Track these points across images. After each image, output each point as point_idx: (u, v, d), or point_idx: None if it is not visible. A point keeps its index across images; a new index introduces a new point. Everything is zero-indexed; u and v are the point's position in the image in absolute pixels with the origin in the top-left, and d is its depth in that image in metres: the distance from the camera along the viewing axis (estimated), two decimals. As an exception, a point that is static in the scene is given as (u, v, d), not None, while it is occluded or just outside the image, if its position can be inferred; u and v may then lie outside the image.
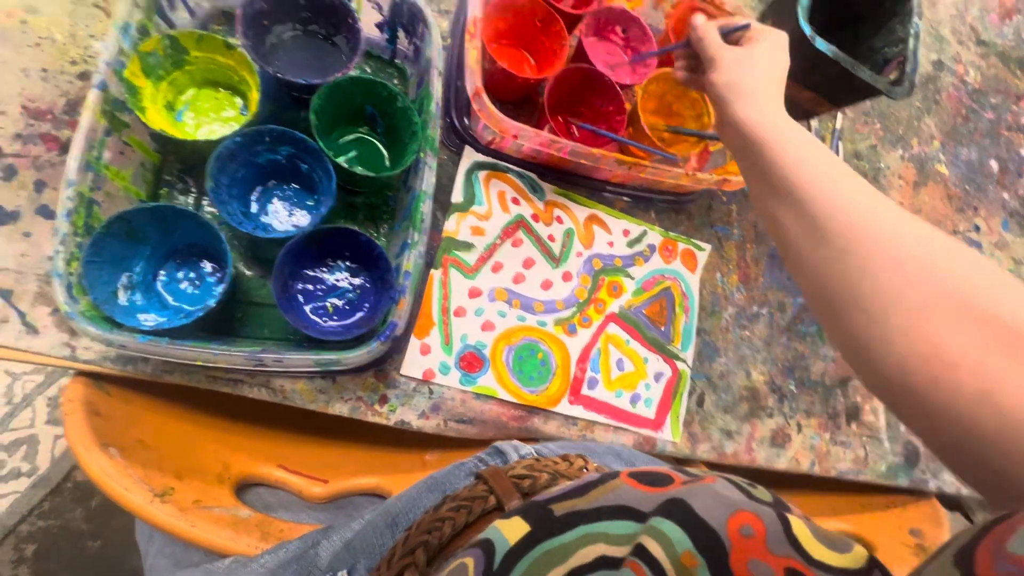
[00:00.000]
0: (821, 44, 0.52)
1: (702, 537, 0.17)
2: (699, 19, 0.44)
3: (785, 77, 0.42)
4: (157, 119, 0.40)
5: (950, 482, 0.74)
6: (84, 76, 0.44)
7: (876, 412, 0.70)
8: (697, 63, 0.47)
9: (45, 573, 0.96)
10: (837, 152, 0.74)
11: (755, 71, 0.40)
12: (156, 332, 0.37)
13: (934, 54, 0.86)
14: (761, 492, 0.21)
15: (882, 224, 0.30)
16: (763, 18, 0.60)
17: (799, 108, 0.63)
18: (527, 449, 0.36)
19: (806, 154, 0.35)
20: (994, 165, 0.87)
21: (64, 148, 0.43)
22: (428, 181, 0.43)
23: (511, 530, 0.20)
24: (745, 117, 0.38)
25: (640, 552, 0.18)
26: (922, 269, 0.27)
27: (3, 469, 0.98)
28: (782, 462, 0.64)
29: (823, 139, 0.74)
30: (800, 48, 0.54)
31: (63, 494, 1.01)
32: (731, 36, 0.44)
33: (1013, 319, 0.24)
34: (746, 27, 0.43)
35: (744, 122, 0.38)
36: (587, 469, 0.31)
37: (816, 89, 0.59)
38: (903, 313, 0.27)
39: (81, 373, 0.43)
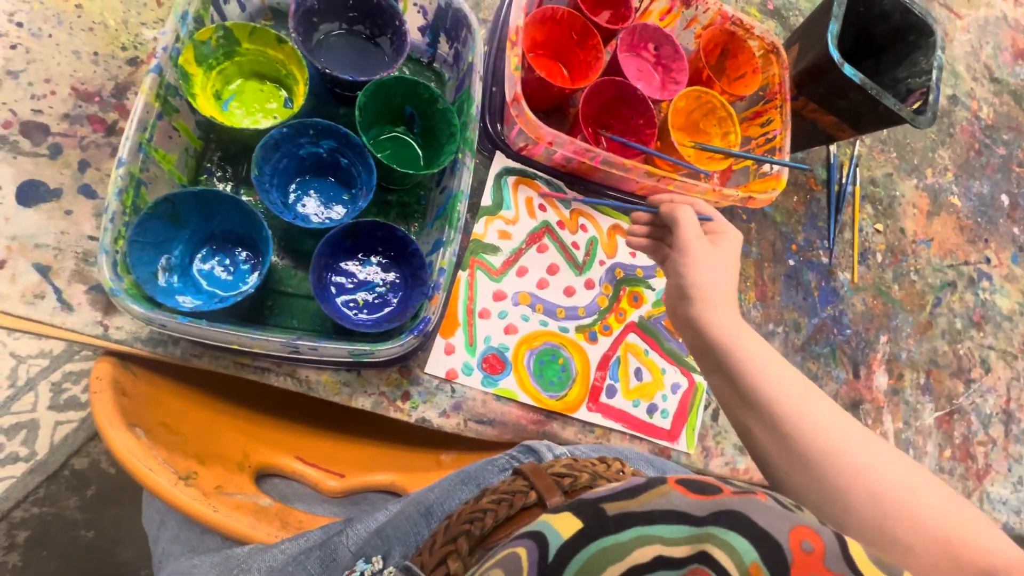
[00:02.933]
0: (849, 70, 0.54)
1: (767, 549, 0.17)
2: (681, 198, 0.45)
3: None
4: (206, 106, 0.41)
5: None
6: (133, 62, 0.45)
7: (886, 436, 0.71)
8: (662, 233, 0.47)
9: (36, 561, 0.95)
10: (854, 179, 0.75)
11: (724, 276, 0.40)
12: (194, 314, 0.37)
13: (949, 89, 0.88)
14: (808, 514, 0.21)
15: (856, 454, 0.32)
16: (791, 43, 0.61)
17: (821, 132, 0.65)
18: (561, 449, 0.36)
19: (773, 368, 0.36)
20: (1005, 200, 0.89)
21: (109, 130, 0.44)
22: (465, 181, 0.44)
23: (563, 525, 0.20)
24: (712, 321, 0.38)
25: (705, 559, 0.17)
26: (900, 506, 0.30)
27: (1, 453, 0.97)
28: (792, 481, 0.64)
29: (841, 165, 0.76)
30: (827, 74, 0.55)
31: (59, 482, 0.99)
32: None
33: (989, 565, 0.27)
34: (709, 220, 0.44)
35: (710, 326, 0.38)
36: (624, 473, 0.31)
37: (839, 114, 0.61)
38: (888, 551, 0.29)
39: (109, 353, 0.43)
